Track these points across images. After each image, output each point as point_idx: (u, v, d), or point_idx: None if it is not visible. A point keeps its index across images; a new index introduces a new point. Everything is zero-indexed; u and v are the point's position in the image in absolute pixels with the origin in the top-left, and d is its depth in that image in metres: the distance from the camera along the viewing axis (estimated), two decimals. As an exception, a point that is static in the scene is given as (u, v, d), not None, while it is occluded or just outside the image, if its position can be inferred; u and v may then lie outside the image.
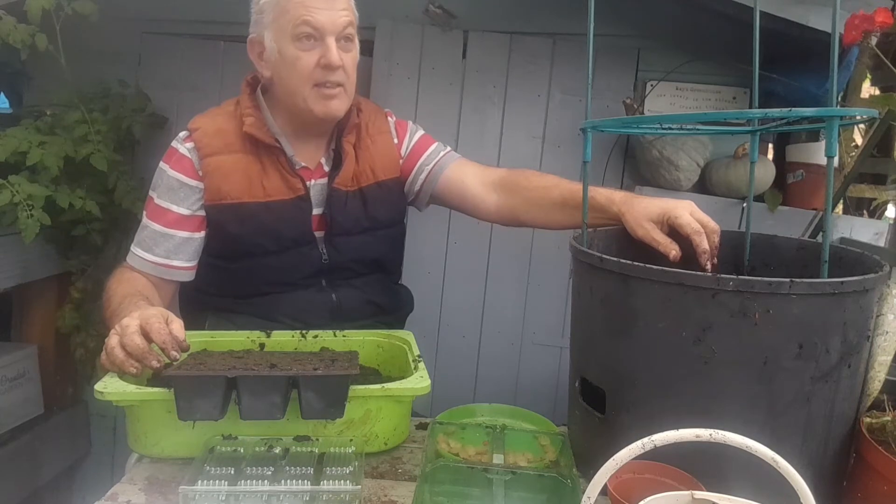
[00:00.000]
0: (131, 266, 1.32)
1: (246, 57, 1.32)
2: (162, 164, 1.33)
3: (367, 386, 1.02)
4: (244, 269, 1.35)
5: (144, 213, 1.34)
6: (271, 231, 1.32)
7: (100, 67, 2.07)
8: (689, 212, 1.12)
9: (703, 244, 1.08)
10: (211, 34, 2.10)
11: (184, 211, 1.31)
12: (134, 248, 1.32)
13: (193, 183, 1.31)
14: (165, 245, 1.30)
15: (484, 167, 1.48)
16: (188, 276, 1.35)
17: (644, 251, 1.13)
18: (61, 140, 1.79)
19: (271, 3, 1.24)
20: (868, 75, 1.68)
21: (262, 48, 1.28)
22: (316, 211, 1.36)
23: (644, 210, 1.16)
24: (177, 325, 1.01)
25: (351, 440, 1.02)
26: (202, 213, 1.32)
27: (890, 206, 1.94)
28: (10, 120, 1.99)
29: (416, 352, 1.19)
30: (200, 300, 1.41)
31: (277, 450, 0.99)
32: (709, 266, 1.08)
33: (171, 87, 2.12)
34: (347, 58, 1.26)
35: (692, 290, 0.84)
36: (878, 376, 0.94)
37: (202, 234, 1.34)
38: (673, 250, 1.09)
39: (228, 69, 2.07)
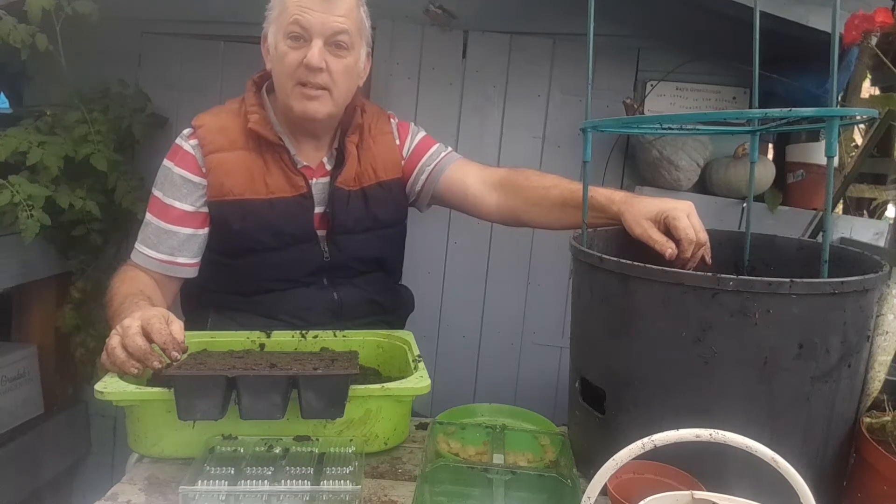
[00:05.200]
0: (136, 264, 1.32)
1: (245, 56, 1.33)
2: (166, 162, 1.34)
3: (367, 386, 1.02)
4: (246, 265, 1.35)
5: (147, 210, 1.34)
6: (273, 227, 1.33)
7: (100, 67, 2.07)
8: (686, 215, 1.12)
9: (687, 254, 1.10)
10: (211, 34, 2.10)
11: (188, 207, 1.31)
12: (138, 246, 1.33)
13: (197, 179, 1.31)
14: (170, 242, 1.31)
15: (484, 167, 1.48)
16: (192, 273, 1.35)
17: (644, 251, 1.13)
18: (61, 140, 1.79)
19: None
20: (868, 75, 1.68)
21: (268, 41, 1.30)
22: (318, 209, 1.37)
23: (643, 209, 1.17)
24: (176, 325, 1.01)
25: (351, 440, 1.02)
26: (206, 209, 1.33)
27: (890, 206, 1.94)
28: (10, 120, 1.99)
29: (416, 352, 1.19)
30: (202, 297, 1.41)
31: (277, 450, 0.99)
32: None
33: (171, 87, 2.12)
34: (336, 63, 1.26)
35: (692, 290, 0.84)
36: (878, 376, 0.94)
37: (206, 230, 1.34)
38: (669, 248, 1.10)
39: (228, 69, 2.07)
